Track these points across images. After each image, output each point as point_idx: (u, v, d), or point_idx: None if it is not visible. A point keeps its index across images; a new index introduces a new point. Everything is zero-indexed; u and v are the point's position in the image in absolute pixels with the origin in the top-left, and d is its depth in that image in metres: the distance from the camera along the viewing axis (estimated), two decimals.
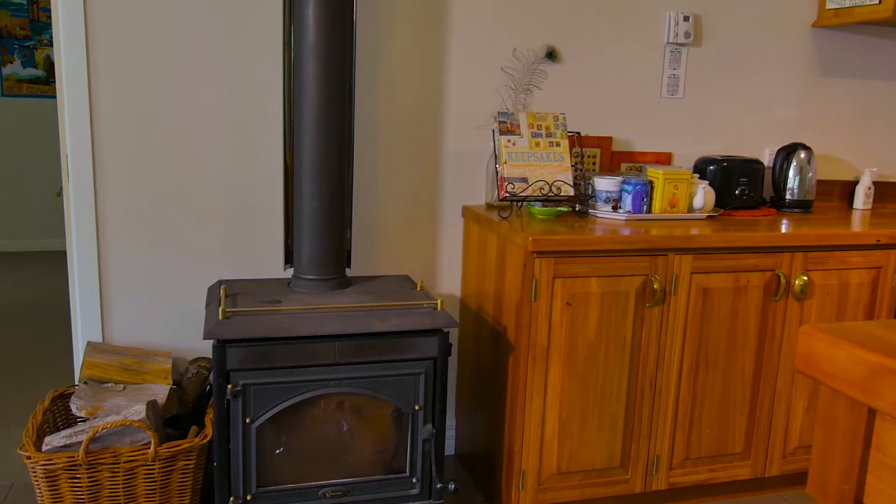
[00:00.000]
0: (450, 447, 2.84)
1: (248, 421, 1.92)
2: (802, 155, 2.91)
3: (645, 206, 2.53)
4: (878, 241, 2.49)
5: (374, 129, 2.58)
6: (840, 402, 1.25)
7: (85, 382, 2.16)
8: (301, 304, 2.03)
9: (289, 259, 2.32)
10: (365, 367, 2.00)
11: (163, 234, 2.42)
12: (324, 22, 2.07)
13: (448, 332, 2.05)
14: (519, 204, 2.54)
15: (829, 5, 2.96)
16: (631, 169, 2.87)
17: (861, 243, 2.47)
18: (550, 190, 2.44)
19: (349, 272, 2.52)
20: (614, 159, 2.87)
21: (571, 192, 2.48)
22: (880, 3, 2.73)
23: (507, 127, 2.47)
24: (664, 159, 2.95)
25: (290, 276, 2.34)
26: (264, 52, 2.41)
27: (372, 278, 2.43)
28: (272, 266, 2.52)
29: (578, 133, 2.65)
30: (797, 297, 2.43)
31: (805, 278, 2.43)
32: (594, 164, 2.83)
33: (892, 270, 2.53)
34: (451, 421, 2.83)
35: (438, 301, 2.09)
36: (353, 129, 2.34)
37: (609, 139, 2.84)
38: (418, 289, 2.29)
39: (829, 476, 1.30)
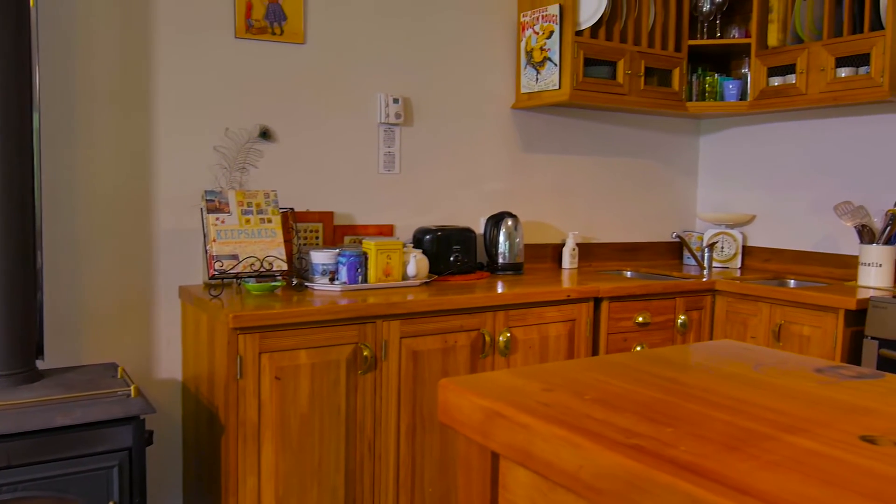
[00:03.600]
0: None
1: None
2: (510, 222, 3.19)
3: (360, 277, 2.62)
4: (569, 296, 2.76)
5: (72, 212, 2.45)
6: (473, 448, 1.35)
7: None
8: None
9: None
10: (47, 467, 1.84)
11: None
12: None
13: (143, 420, 1.96)
14: (238, 281, 2.52)
15: (523, 89, 3.32)
16: (354, 241, 2.97)
17: (554, 299, 2.73)
18: (262, 266, 2.46)
19: (42, 364, 2.34)
20: (337, 233, 2.96)
21: (285, 266, 2.51)
22: (560, 88, 3.12)
23: (215, 205, 2.47)
24: (387, 231, 3.09)
25: None
26: None
27: (70, 369, 2.27)
28: None
29: (292, 209, 2.70)
30: (502, 353, 2.62)
31: (508, 335, 2.63)
32: (317, 238, 2.90)
33: (584, 322, 2.82)
34: None
35: (132, 387, 1.99)
36: (39, 212, 2.21)
37: (330, 214, 2.93)
38: (118, 376, 2.18)
39: None
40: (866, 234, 3.07)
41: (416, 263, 2.73)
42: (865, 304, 2.67)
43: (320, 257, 2.60)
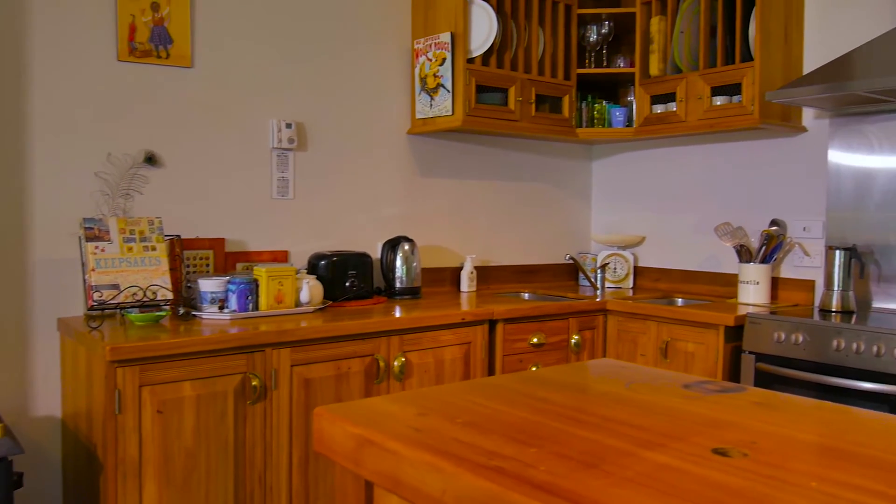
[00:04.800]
0: None
1: None
2: (406, 247, 3.19)
3: (251, 304, 2.56)
4: (464, 319, 2.79)
5: None
6: (348, 477, 1.32)
7: None
8: None
9: None
10: None
11: None
12: None
13: (11, 461, 1.85)
14: (120, 312, 2.42)
15: (418, 115, 3.35)
16: (246, 268, 2.91)
17: (449, 322, 2.75)
18: (146, 295, 2.37)
19: None
20: (229, 259, 2.89)
21: (170, 295, 2.43)
22: (453, 114, 3.16)
23: (94, 233, 2.37)
24: (281, 257, 3.04)
25: None
26: None
27: None
28: None
29: (178, 236, 2.63)
30: (397, 378, 2.61)
31: (403, 359, 2.62)
32: (207, 265, 2.82)
33: (480, 344, 2.85)
34: None
35: None
36: None
37: (222, 241, 2.86)
38: None
39: None
40: (744, 254, 3.23)
41: (310, 289, 2.70)
42: (743, 320, 2.80)
43: (209, 285, 2.53)
